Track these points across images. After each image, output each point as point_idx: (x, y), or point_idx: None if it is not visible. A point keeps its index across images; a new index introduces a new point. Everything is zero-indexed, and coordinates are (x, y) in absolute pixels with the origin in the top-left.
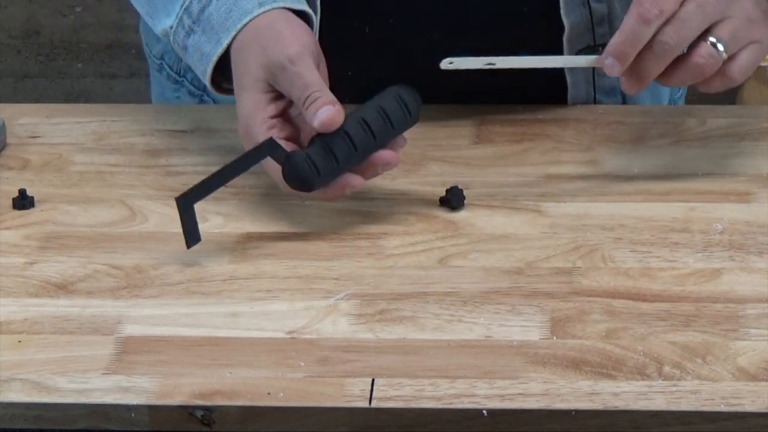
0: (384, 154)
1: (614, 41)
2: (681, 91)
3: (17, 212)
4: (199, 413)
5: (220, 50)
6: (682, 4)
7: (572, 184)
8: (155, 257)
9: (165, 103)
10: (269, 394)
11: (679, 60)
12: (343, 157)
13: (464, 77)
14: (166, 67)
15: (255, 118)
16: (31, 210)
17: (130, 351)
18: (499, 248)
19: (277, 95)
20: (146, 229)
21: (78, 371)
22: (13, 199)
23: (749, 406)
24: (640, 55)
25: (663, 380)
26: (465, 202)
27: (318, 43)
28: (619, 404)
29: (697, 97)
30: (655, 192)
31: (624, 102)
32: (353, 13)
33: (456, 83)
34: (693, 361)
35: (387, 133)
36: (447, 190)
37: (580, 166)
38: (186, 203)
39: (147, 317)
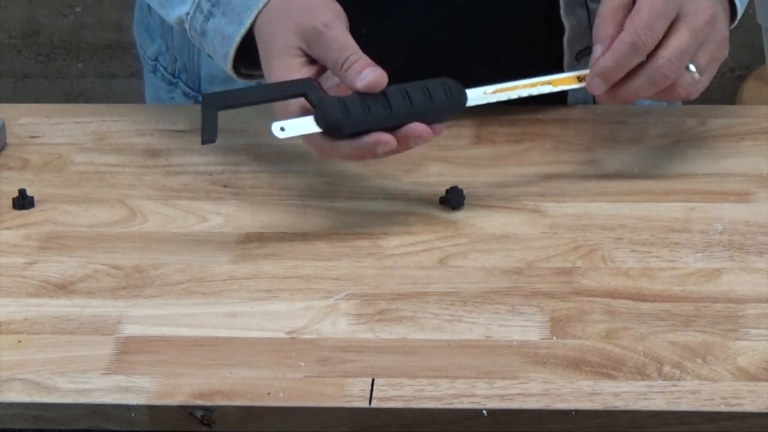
0: (417, 126)
1: (604, 64)
2: None
3: (17, 212)
4: (199, 413)
5: (243, 30)
6: (674, 29)
7: (572, 184)
8: (155, 257)
9: (160, 104)
10: (269, 394)
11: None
12: (377, 112)
13: (463, 76)
14: (160, 68)
15: (286, 79)
16: (31, 210)
17: (130, 351)
18: (499, 248)
19: (309, 61)
20: (146, 229)
21: (78, 371)
22: (13, 199)
23: (749, 406)
24: (632, 79)
25: (663, 380)
26: (465, 202)
27: (345, 14)
28: (619, 404)
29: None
30: (655, 192)
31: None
32: (350, 15)
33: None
34: (693, 361)
35: (426, 108)
36: (447, 190)
37: (580, 166)
38: (211, 103)
39: (147, 317)
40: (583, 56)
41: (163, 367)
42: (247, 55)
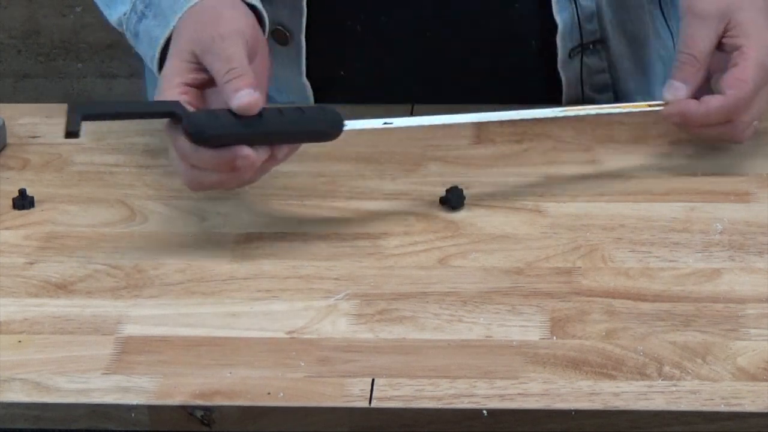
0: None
1: (696, 115)
2: None
3: (17, 212)
4: (199, 413)
5: (167, 32)
6: (758, 95)
7: (572, 184)
8: (155, 257)
9: None
10: (269, 394)
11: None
12: (247, 124)
13: (460, 74)
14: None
15: (170, 81)
16: (31, 210)
17: (130, 351)
18: (499, 248)
19: (199, 68)
20: (146, 229)
21: (78, 371)
22: (13, 199)
23: (749, 406)
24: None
25: (663, 380)
26: (465, 202)
27: (261, 36)
28: (619, 404)
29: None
30: (655, 192)
31: (616, 99)
32: (343, 12)
33: (449, 81)
34: (693, 361)
35: (298, 126)
36: (447, 190)
37: (580, 166)
38: (78, 110)
39: (147, 317)
40: (575, 54)
41: (163, 367)
42: None
